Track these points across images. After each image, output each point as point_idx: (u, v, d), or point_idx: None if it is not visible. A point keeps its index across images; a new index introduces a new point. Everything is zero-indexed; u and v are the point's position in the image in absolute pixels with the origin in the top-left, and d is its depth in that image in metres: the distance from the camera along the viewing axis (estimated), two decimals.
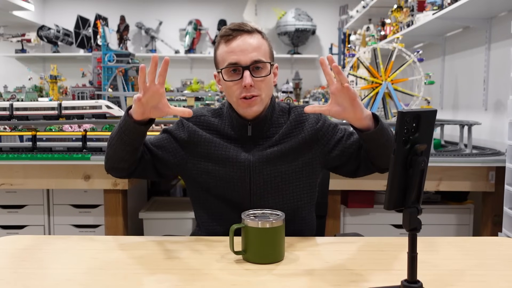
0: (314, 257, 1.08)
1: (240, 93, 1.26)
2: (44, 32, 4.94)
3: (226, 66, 1.26)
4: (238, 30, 1.25)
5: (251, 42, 1.25)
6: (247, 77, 1.23)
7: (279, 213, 1.08)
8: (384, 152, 1.22)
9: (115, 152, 1.26)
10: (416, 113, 0.80)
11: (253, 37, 1.27)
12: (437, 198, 2.60)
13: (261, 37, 1.29)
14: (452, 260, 1.07)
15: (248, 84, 1.23)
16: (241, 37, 1.25)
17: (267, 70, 1.27)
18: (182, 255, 1.09)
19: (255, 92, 1.26)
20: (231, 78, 1.26)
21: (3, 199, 2.50)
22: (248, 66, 1.24)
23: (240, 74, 1.25)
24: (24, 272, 0.99)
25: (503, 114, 2.50)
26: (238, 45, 1.24)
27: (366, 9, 3.96)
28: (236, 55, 1.24)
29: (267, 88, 1.29)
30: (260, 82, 1.26)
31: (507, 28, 2.12)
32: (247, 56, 1.24)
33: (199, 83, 3.48)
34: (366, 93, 2.71)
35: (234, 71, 1.26)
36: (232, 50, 1.25)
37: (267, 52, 1.29)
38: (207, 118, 1.37)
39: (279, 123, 1.35)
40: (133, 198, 2.72)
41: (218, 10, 5.40)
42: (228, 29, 1.27)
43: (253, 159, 1.30)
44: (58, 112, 2.47)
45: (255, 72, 1.25)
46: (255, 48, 1.25)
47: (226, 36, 1.26)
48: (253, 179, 1.30)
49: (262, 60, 1.25)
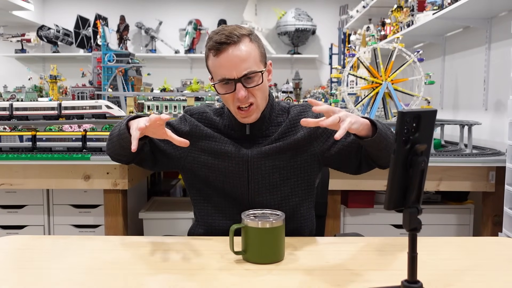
0: (314, 257, 1.08)
1: (235, 103, 1.27)
2: (44, 32, 4.94)
3: (218, 81, 1.27)
4: (225, 44, 1.23)
5: (239, 53, 1.23)
6: (240, 91, 1.24)
7: (279, 213, 1.08)
8: (384, 154, 1.22)
9: (114, 149, 1.34)
10: (416, 113, 0.80)
11: (241, 46, 1.24)
12: (437, 198, 2.60)
13: (248, 41, 1.26)
14: (452, 260, 1.07)
15: (242, 97, 1.24)
16: (228, 50, 1.23)
17: (259, 78, 1.27)
18: (182, 255, 1.09)
19: (251, 100, 1.27)
20: (225, 90, 1.27)
21: (3, 199, 2.50)
22: (239, 79, 1.24)
23: (233, 86, 1.25)
24: (24, 272, 0.99)
25: (503, 114, 2.50)
26: (227, 60, 1.23)
27: (366, 9, 3.96)
28: (226, 70, 1.24)
29: (262, 94, 1.30)
30: (255, 90, 1.27)
31: (507, 28, 2.12)
32: (237, 69, 1.23)
33: (199, 83, 3.47)
34: (366, 93, 2.71)
35: (226, 83, 1.26)
36: (221, 65, 1.24)
37: (257, 57, 1.27)
38: (209, 115, 1.39)
39: (278, 122, 1.37)
40: (133, 198, 2.72)
41: (218, 10, 5.39)
42: (215, 42, 1.24)
43: (251, 154, 1.32)
44: (58, 112, 2.47)
45: (247, 82, 1.25)
46: (243, 59, 1.23)
47: (214, 50, 1.25)
48: (251, 173, 1.32)
49: (252, 71, 1.24)
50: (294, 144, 1.33)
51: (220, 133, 1.36)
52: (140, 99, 2.85)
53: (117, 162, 1.41)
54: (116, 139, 1.29)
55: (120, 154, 1.34)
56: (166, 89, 3.10)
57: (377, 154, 1.24)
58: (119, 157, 1.36)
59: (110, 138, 1.34)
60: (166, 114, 1.20)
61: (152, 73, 3.72)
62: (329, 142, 1.35)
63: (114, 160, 1.40)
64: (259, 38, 1.31)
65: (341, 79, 2.66)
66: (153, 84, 3.69)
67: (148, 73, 3.61)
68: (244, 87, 1.25)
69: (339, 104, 3.32)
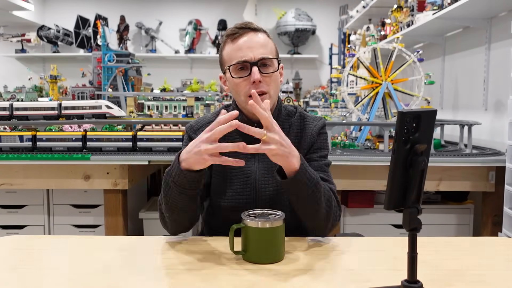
0: (314, 257, 1.08)
1: (248, 90, 1.23)
2: (44, 32, 4.94)
3: (234, 63, 1.25)
4: (245, 28, 1.26)
5: (257, 39, 1.25)
6: (255, 73, 1.22)
7: (279, 213, 1.08)
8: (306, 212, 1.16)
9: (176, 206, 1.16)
10: (416, 113, 0.79)
11: (259, 35, 1.27)
12: (437, 198, 2.60)
13: (266, 36, 1.29)
14: (452, 260, 1.07)
15: (257, 80, 1.22)
16: (248, 34, 1.25)
17: (275, 67, 1.27)
18: (182, 255, 1.09)
19: (264, 88, 1.24)
20: (239, 75, 1.25)
21: (3, 199, 2.50)
22: (256, 62, 1.23)
23: (248, 71, 1.24)
24: (24, 272, 0.99)
25: (503, 114, 2.50)
26: (245, 42, 1.24)
27: (366, 9, 3.96)
28: (243, 52, 1.24)
29: (275, 85, 1.28)
30: (268, 78, 1.25)
31: (507, 28, 2.12)
32: (254, 52, 1.23)
33: (199, 83, 3.47)
34: (366, 93, 2.71)
35: (241, 68, 1.25)
36: (239, 48, 1.24)
37: (273, 50, 1.29)
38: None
39: (284, 128, 1.30)
40: (133, 198, 2.72)
41: (218, 10, 5.40)
42: (234, 27, 1.27)
43: (259, 173, 1.28)
44: (58, 112, 2.47)
45: (262, 69, 1.25)
46: (262, 45, 1.25)
47: (233, 35, 1.26)
48: (258, 191, 1.27)
49: (269, 56, 1.25)
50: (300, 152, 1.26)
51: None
52: (140, 99, 2.85)
53: (181, 230, 1.23)
54: (176, 189, 1.12)
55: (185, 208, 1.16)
56: (166, 89, 3.10)
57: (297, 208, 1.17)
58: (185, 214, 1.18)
59: (167, 199, 1.15)
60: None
61: (152, 73, 3.72)
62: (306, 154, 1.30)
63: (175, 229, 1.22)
64: (274, 42, 1.34)
65: (341, 79, 2.67)
66: (153, 84, 3.69)
67: (148, 73, 3.61)
68: (260, 72, 1.23)
69: (339, 104, 3.32)
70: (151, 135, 2.35)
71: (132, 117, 2.66)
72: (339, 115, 3.18)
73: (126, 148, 2.34)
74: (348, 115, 2.80)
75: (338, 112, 3.29)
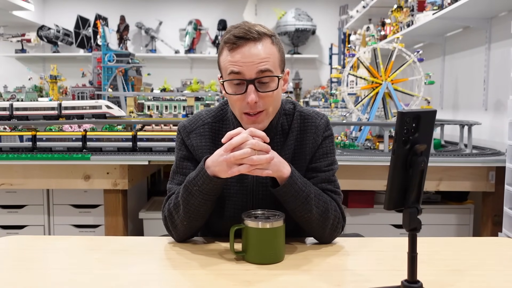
0: (314, 258, 1.08)
1: (243, 108, 1.13)
2: (44, 32, 4.94)
3: (228, 78, 1.12)
4: (244, 39, 1.09)
5: (257, 52, 1.10)
6: (250, 94, 1.09)
7: (279, 213, 1.08)
8: (299, 213, 1.12)
9: (194, 210, 1.12)
10: (416, 113, 0.80)
11: (261, 45, 1.11)
12: (437, 198, 2.60)
13: (270, 42, 1.13)
14: (452, 260, 1.07)
15: (252, 101, 1.10)
16: (246, 46, 1.10)
17: (275, 84, 1.12)
18: (182, 255, 1.09)
19: (260, 108, 1.12)
20: (234, 90, 1.12)
21: (3, 199, 2.50)
22: (252, 80, 1.10)
23: (244, 87, 1.11)
24: (24, 272, 0.99)
25: (503, 114, 2.50)
26: (243, 56, 1.09)
27: (366, 9, 3.96)
28: (239, 67, 1.09)
29: (275, 103, 1.15)
30: (268, 97, 1.12)
31: (507, 28, 2.12)
32: (252, 68, 1.09)
33: (199, 83, 3.47)
34: (366, 93, 2.71)
35: (237, 84, 1.12)
36: (235, 61, 1.10)
37: (277, 60, 1.14)
38: (209, 126, 1.24)
39: (284, 130, 1.24)
40: (133, 198, 2.72)
41: (218, 10, 5.40)
42: (233, 35, 1.10)
43: (256, 184, 1.21)
44: (58, 112, 2.47)
45: (260, 87, 1.11)
46: (262, 58, 1.10)
47: (230, 44, 1.11)
48: (254, 199, 1.22)
49: (269, 69, 1.10)
50: (297, 157, 1.22)
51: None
52: (140, 99, 2.86)
53: (190, 236, 1.20)
54: (201, 197, 1.09)
55: (206, 213, 1.14)
56: (166, 89, 3.10)
57: (295, 216, 1.13)
58: (203, 219, 1.15)
59: (187, 208, 1.11)
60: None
61: (152, 73, 3.72)
62: (310, 161, 1.22)
63: (188, 235, 1.18)
64: (280, 42, 1.18)
65: (341, 79, 2.67)
66: (153, 84, 3.69)
67: (148, 73, 3.61)
68: (257, 90, 1.10)
69: (339, 104, 3.32)
70: (151, 135, 2.35)
71: (132, 117, 2.66)
72: (339, 115, 3.18)
73: (126, 148, 2.34)
74: (348, 115, 2.80)
75: (338, 112, 3.29)
